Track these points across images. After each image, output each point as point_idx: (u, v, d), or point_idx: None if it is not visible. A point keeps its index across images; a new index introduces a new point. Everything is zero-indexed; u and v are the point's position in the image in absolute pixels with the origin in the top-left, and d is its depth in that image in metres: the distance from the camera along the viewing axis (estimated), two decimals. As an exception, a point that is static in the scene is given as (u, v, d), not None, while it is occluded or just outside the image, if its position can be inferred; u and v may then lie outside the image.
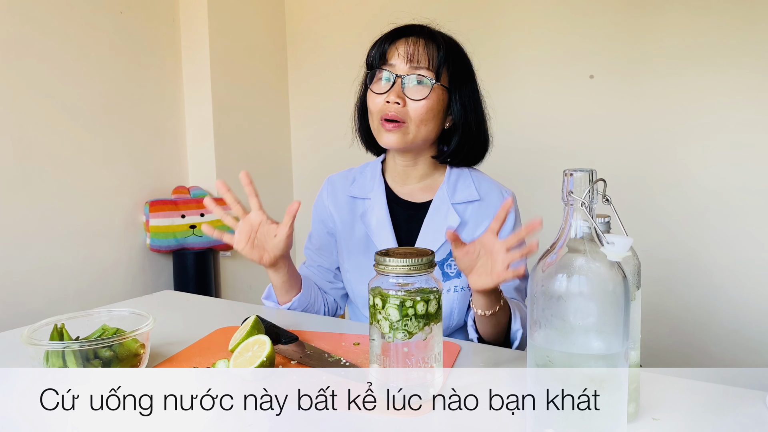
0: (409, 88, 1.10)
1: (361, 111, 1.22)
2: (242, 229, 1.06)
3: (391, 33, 1.15)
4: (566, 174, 0.59)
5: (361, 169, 1.28)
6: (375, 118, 1.13)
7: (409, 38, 1.12)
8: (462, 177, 1.19)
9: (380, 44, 1.14)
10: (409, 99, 1.10)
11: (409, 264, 0.68)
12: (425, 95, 1.10)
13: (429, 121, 1.12)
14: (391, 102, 1.09)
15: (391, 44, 1.12)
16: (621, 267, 0.58)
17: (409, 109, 1.10)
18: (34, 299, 2.00)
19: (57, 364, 0.75)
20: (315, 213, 1.30)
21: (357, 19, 2.62)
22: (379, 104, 1.12)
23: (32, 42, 1.98)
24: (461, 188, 1.18)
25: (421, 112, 1.10)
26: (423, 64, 1.10)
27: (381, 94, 1.12)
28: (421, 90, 1.10)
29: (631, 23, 2.05)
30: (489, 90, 1.24)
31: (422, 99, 1.10)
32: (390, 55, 1.12)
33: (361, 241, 1.20)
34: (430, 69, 1.10)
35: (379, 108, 1.11)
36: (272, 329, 0.93)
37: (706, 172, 1.98)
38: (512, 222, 1.16)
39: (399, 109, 1.09)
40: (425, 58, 1.10)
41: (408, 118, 1.10)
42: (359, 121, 1.23)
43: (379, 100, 1.12)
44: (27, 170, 1.99)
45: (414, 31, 1.13)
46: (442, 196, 1.17)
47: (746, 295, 1.94)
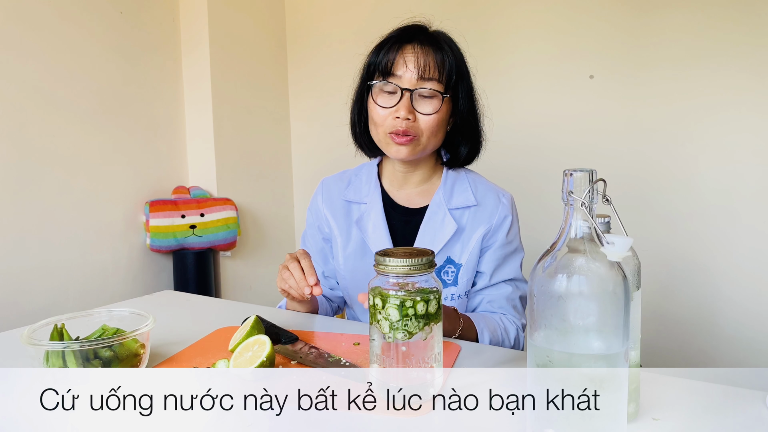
0: (418, 101, 1.06)
1: (360, 116, 1.17)
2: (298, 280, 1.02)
3: (394, 37, 1.09)
4: (566, 174, 0.59)
5: (356, 171, 1.25)
6: (381, 131, 1.09)
7: (415, 46, 1.06)
8: (459, 181, 1.17)
9: (385, 52, 1.08)
10: (419, 113, 1.06)
11: (409, 264, 0.68)
12: (437, 109, 1.06)
13: (439, 131, 1.10)
14: (401, 117, 1.04)
15: (397, 52, 1.06)
16: (621, 267, 0.58)
17: (420, 124, 1.06)
18: (34, 299, 2.00)
19: (57, 364, 0.75)
20: (310, 218, 1.27)
21: (357, 19, 2.62)
22: (386, 118, 1.07)
23: (32, 42, 1.99)
24: (458, 193, 1.16)
25: (433, 125, 1.07)
26: (434, 76, 1.05)
27: (388, 108, 1.07)
28: (433, 103, 1.06)
29: (631, 23, 2.05)
30: (489, 90, 1.23)
31: (434, 113, 1.06)
32: (396, 67, 1.06)
33: (357, 246, 1.18)
34: (441, 81, 1.06)
35: (389, 123, 1.07)
36: (272, 329, 0.93)
37: (706, 172, 1.98)
38: (508, 224, 1.16)
39: (410, 124, 1.05)
40: (435, 68, 1.05)
41: (420, 132, 1.07)
42: (358, 127, 1.18)
43: (384, 113, 1.07)
44: (27, 170, 1.99)
45: (418, 37, 1.07)
46: (438, 202, 1.15)
47: (746, 295, 1.94)
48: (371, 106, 1.10)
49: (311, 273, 0.99)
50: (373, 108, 1.09)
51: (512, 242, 1.16)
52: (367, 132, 1.16)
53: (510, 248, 1.16)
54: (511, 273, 1.16)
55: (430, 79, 1.05)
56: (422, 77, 1.05)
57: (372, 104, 1.10)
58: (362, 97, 1.15)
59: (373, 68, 1.10)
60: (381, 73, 1.08)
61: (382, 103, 1.08)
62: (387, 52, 1.07)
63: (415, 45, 1.06)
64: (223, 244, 2.41)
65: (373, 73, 1.10)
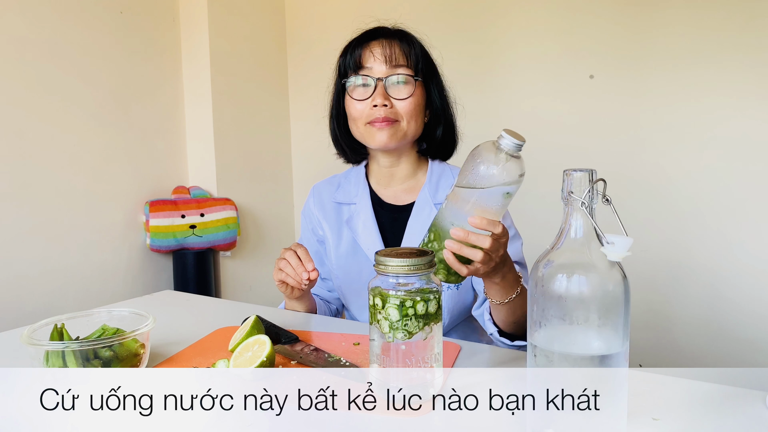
0: (391, 88, 1.10)
1: (338, 120, 1.21)
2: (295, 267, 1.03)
3: (361, 37, 1.14)
4: (566, 174, 0.59)
5: (345, 174, 1.28)
6: (360, 124, 1.13)
7: (381, 40, 1.12)
8: (444, 176, 1.19)
9: (352, 50, 1.13)
10: (395, 99, 1.10)
11: (409, 264, 0.68)
12: (411, 92, 1.11)
13: (417, 116, 1.13)
14: (378, 105, 1.09)
15: (364, 48, 1.12)
16: (621, 267, 0.58)
17: (397, 109, 1.11)
18: (34, 299, 2.00)
19: (57, 364, 0.75)
20: (304, 222, 1.30)
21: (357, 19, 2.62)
22: (364, 110, 1.11)
23: (32, 42, 1.98)
24: (443, 187, 1.18)
25: (410, 108, 1.11)
26: (402, 63, 1.11)
27: (364, 100, 1.11)
28: (406, 88, 1.11)
29: (632, 23, 2.05)
30: (489, 89, 1.24)
31: (409, 96, 1.10)
32: (365, 60, 1.11)
33: (349, 246, 1.20)
34: (409, 66, 1.11)
35: (366, 114, 1.11)
36: (272, 329, 0.93)
37: (706, 172, 1.98)
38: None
39: (388, 110, 1.09)
40: (402, 56, 1.11)
41: (399, 117, 1.11)
42: (339, 131, 1.21)
43: (361, 106, 1.11)
44: (27, 170, 1.99)
45: (383, 33, 1.13)
46: (424, 197, 1.17)
47: (746, 295, 1.94)
48: (348, 104, 1.14)
49: (308, 260, 1.01)
50: (350, 104, 1.14)
51: (509, 228, 1.16)
52: (349, 134, 1.19)
53: None
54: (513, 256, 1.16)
55: (399, 65, 1.11)
56: (391, 64, 1.10)
57: (349, 101, 1.14)
58: (339, 100, 1.19)
59: (344, 68, 1.15)
60: (352, 70, 1.13)
61: (357, 97, 1.12)
62: (354, 50, 1.13)
63: (380, 39, 1.12)
64: (223, 244, 2.41)
65: (345, 72, 1.15)
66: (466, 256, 0.78)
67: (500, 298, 0.91)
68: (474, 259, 0.78)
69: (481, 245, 0.77)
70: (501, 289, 0.90)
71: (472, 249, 0.77)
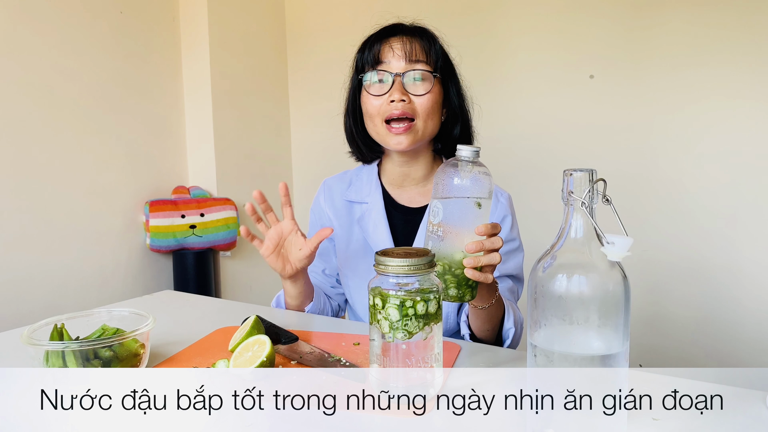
0: (410, 84, 1.08)
1: (354, 117, 1.18)
2: (271, 236, 1.07)
3: (380, 33, 1.12)
4: (566, 174, 0.59)
5: (356, 171, 1.26)
6: (378, 121, 1.10)
7: (401, 36, 1.10)
8: None
9: (370, 46, 1.11)
10: (412, 95, 1.08)
11: (409, 264, 0.68)
12: (429, 89, 1.09)
13: (434, 114, 1.11)
14: (396, 100, 1.06)
15: (383, 43, 1.10)
16: (621, 267, 0.58)
17: (415, 105, 1.08)
18: (34, 299, 2.00)
19: (57, 364, 0.75)
20: (313, 218, 1.29)
21: (358, 19, 2.62)
22: (381, 105, 1.09)
23: (32, 42, 1.98)
24: None
25: (428, 105, 1.09)
26: (421, 58, 1.09)
27: (381, 95, 1.09)
28: (424, 85, 1.09)
29: (632, 23, 2.05)
30: (489, 90, 1.24)
31: (426, 93, 1.08)
32: (384, 55, 1.09)
33: (359, 246, 1.19)
34: (428, 63, 1.09)
35: (384, 109, 1.08)
36: (272, 329, 0.93)
37: (706, 172, 1.98)
38: (509, 224, 1.16)
39: (406, 105, 1.07)
40: (422, 52, 1.09)
41: (416, 114, 1.09)
42: (355, 129, 1.19)
43: (378, 102, 1.09)
44: (27, 170, 1.99)
45: (402, 29, 1.12)
46: None
47: (746, 295, 1.94)
48: (365, 99, 1.12)
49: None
50: (367, 99, 1.11)
51: (513, 241, 1.16)
52: (365, 132, 1.17)
53: (511, 246, 1.16)
54: (514, 270, 1.16)
55: (417, 61, 1.09)
56: (410, 60, 1.08)
57: (366, 96, 1.12)
58: (356, 97, 1.17)
59: (361, 63, 1.13)
60: (370, 65, 1.11)
61: (374, 93, 1.10)
62: (372, 45, 1.11)
63: (400, 35, 1.11)
64: (223, 244, 2.41)
65: (362, 68, 1.13)
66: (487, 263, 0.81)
67: (481, 302, 0.94)
68: (494, 262, 0.81)
69: (495, 247, 0.81)
70: (485, 293, 0.93)
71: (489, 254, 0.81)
